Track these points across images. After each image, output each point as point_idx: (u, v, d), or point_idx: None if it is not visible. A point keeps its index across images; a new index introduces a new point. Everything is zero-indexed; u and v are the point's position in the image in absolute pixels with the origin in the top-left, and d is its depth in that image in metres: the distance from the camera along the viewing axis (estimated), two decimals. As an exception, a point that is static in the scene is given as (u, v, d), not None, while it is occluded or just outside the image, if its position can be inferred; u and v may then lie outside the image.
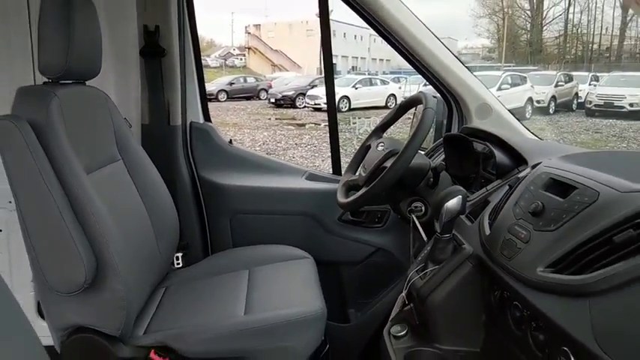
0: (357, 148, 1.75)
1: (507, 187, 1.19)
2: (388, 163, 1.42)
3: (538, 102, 16.50)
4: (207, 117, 2.14)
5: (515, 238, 0.98)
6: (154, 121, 1.94)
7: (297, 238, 1.96)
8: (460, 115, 1.90)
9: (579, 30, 38.80)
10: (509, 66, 27.67)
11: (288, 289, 1.54)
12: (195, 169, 2.04)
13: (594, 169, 0.96)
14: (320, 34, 1.98)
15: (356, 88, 18.00)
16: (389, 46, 1.85)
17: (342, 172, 1.89)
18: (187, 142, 2.04)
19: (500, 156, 1.38)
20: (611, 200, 0.85)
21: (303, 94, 18.80)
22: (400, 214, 1.53)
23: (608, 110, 15.10)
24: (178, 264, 1.93)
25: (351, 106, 17.26)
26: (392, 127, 1.71)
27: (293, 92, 19.24)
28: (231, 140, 2.17)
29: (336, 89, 2.13)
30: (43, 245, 1.19)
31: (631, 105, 15.37)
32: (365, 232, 2.03)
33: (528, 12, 40.45)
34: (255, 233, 1.99)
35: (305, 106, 18.25)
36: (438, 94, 1.91)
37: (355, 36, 46.71)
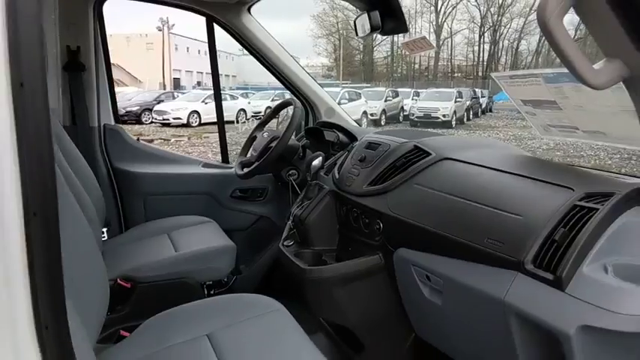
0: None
1: (347, 152, 1.99)
2: (273, 144, 2.14)
3: (372, 115, 18.72)
4: (117, 120, 2.63)
5: (352, 175, 1.78)
6: (76, 123, 2.39)
7: (199, 212, 2.56)
8: (314, 115, 2.71)
9: (403, 51, 44.05)
10: (347, 83, 30.43)
11: (205, 236, 2.16)
12: (109, 162, 2.52)
13: (389, 136, 1.82)
14: (209, 55, 2.64)
15: (206, 103, 18.31)
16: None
17: (229, 162, 2.58)
18: (102, 139, 2.51)
19: (342, 136, 2.21)
20: (395, 147, 1.69)
21: (150, 110, 18.54)
22: (281, 179, 2.27)
23: (427, 121, 17.83)
24: (104, 237, 2.40)
25: (202, 121, 17.58)
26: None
27: (138, 108, 18.81)
28: (138, 138, 2.69)
29: (185, 104, 2.87)
30: None
31: (444, 116, 18.39)
32: (250, 205, 2.71)
33: (360, 34, 44.71)
34: (165, 211, 2.54)
35: (152, 122, 18.02)
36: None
37: (199, 51, 46.55)
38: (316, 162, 2.00)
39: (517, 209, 1.22)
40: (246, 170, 2.20)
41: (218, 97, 2.76)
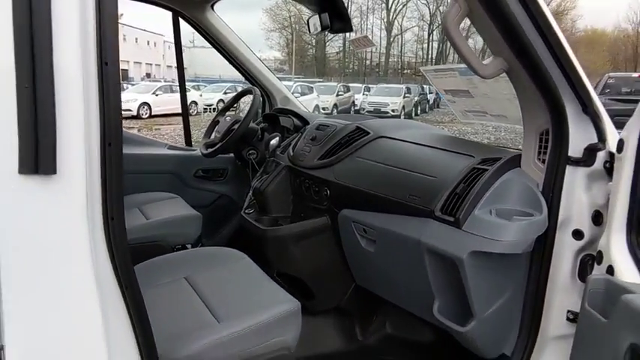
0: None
1: (300, 134, 2.31)
2: (235, 127, 2.42)
3: (324, 109, 19.10)
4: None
5: (304, 152, 2.10)
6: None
7: (165, 190, 2.81)
8: (270, 103, 3.01)
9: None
10: (299, 77, 30.74)
11: (173, 208, 2.42)
12: None
13: (336, 119, 2.15)
14: (175, 48, 2.89)
15: (157, 95, 18.12)
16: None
17: (192, 145, 2.84)
18: None
19: (296, 121, 2.52)
20: (341, 128, 2.03)
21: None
22: (241, 159, 2.55)
23: (377, 115, 18.37)
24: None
25: (152, 113, 17.38)
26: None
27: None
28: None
29: (135, 96, 3.14)
30: None
31: (393, 111, 19.06)
32: (211, 184, 2.98)
33: (312, 29, 45.04)
34: (134, 189, 2.76)
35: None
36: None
37: (148, 42, 45.38)
38: (274, 141, 2.31)
39: (433, 172, 1.58)
40: (210, 150, 2.47)
41: (183, 88, 3.01)
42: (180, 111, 3.20)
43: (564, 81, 1.27)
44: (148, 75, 42.13)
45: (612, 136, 1.33)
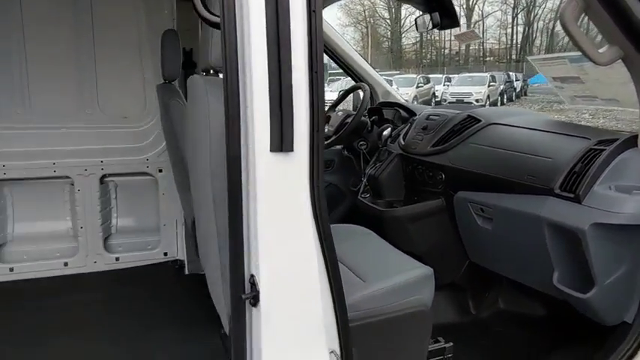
0: None
1: (409, 124, 2.50)
2: (348, 120, 2.66)
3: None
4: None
5: (416, 140, 2.29)
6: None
7: None
8: (372, 98, 3.22)
9: (433, 37, 43.82)
10: (377, 71, 30.57)
11: None
12: None
13: (444, 109, 2.32)
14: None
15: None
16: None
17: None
18: None
19: (403, 113, 2.72)
20: (452, 117, 2.20)
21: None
22: (352, 150, 2.79)
23: (460, 106, 17.99)
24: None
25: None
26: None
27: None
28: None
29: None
30: None
31: (477, 101, 18.53)
32: (321, 174, 3.25)
33: (388, 21, 44.80)
34: None
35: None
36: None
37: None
38: (386, 132, 2.53)
39: (549, 154, 1.71)
40: (326, 142, 2.74)
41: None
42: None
43: None
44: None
45: None
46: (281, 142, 1.01)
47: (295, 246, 1.07)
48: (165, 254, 3.13)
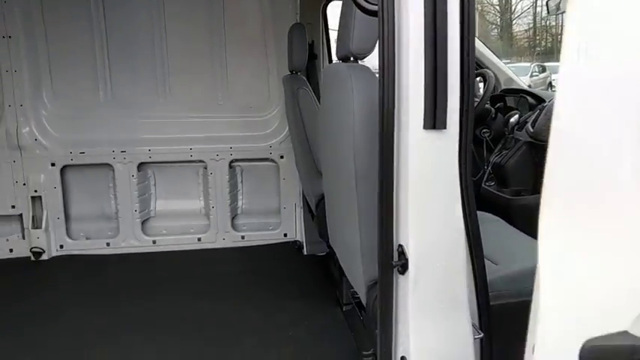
0: None
1: (538, 111, 2.40)
2: (471, 107, 2.63)
3: (516, 91, 17.93)
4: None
5: (547, 127, 2.20)
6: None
7: None
8: (495, 85, 3.13)
9: (548, 22, 40.80)
10: (485, 60, 29.15)
11: None
12: None
13: None
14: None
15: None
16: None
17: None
18: None
19: (530, 99, 2.62)
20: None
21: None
22: (475, 138, 2.75)
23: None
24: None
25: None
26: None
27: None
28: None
29: None
30: None
31: (598, 90, 16.95)
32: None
33: (497, 7, 42.47)
34: None
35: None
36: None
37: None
38: (513, 119, 2.46)
39: None
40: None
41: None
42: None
43: None
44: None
45: None
46: (434, 120, 1.06)
47: (444, 220, 1.11)
48: (285, 235, 3.32)
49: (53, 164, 3.09)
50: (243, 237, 3.31)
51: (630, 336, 0.76)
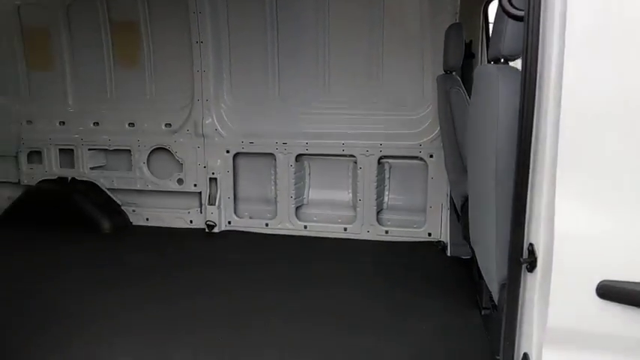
0: None
1: None
2: None
3: None
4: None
5: None
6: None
7: None
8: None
9: None
10: None
11: None
12: None
13: None
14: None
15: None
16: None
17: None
18: None
19: None
20: None
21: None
22: None
23: None
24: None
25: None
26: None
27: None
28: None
29: None
30: None
31: None
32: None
33: None
34: None
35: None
36: None
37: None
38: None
39: None
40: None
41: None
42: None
43: None
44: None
45: None
46: None
47: (578, 223, 1.08)
48: (429, 234, 3.34)
49: (228, 151, 3.57)
50: (387, 232, 3.42)
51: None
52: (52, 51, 3.77)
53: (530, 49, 1.07)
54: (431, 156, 3.29)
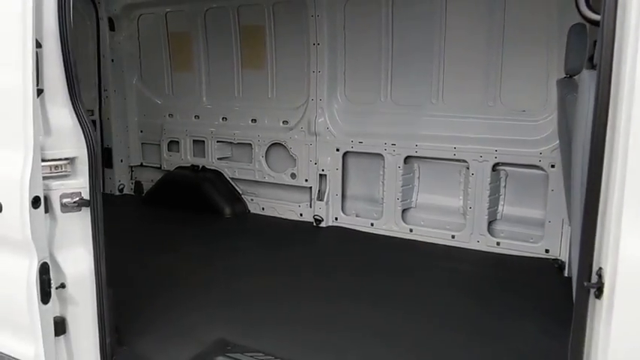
0: None
1: None
2: None
3: None
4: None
5: None
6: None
7: None
8: None
9: None
10: None
11: None
12: None
13: None
14: None
15: None
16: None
17: None
18: None
19: None
20: None
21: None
22: None
23: None
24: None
25: None
26: None
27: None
28: None
29: None
30: None
31: None
32: None
33: None
34: None
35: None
36: None
37: None
38: None
39: None
40: None
41: None
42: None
43: None
44: None
45: None
46: None
47: None
48: (547, 251, 3.06)
49: (338, 150, 3.67)
50: (498, 243, 3.21)
51: None
52: (191, 54, 4.24)
53: (605, 54, 0.99)
54: (552, 166, 3.00)
